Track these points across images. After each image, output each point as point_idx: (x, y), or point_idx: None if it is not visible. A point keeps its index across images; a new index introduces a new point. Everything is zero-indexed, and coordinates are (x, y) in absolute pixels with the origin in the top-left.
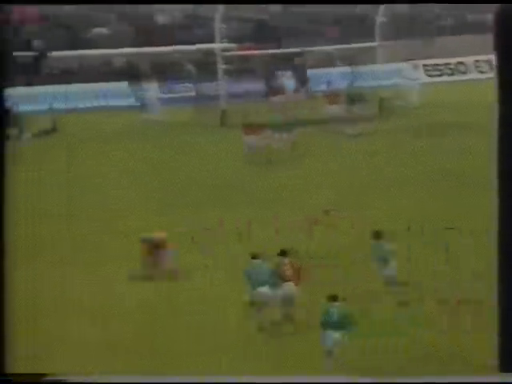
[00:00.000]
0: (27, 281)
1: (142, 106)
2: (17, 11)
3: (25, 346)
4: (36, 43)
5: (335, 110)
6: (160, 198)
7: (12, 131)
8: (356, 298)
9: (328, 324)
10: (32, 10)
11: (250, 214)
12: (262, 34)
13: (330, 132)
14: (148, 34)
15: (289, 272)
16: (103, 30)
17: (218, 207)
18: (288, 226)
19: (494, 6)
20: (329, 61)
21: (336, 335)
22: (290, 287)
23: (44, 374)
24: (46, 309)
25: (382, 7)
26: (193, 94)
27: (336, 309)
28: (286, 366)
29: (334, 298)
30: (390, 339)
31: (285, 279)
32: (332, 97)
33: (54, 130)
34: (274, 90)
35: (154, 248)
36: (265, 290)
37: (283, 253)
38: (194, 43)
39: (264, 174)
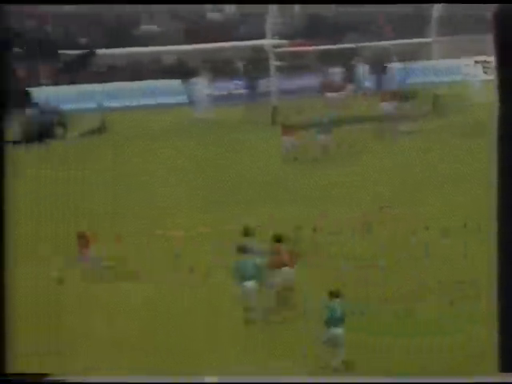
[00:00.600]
0: (70, 279)
1: (192, 104)
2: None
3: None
4: (84, 41)
5: (389, 106)
6: (209, 195)
7: (57, 130)
8: (400, 298)
9: (332, 320)
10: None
11: (299, 212)
12: (315, 29)
13: (384, 129)
14: (199, 31)
15: (285, 257)
16: (153, 28)
17: (269, 204)
18: (337, 224)
19: (493, 6)
20: (385, 57)
21: (339, 331)
22: (287, 272)
23: (44, 374)
24: (96, 306)
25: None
26: (244, 91)
27: (338, 304)
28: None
29: (335, 294)
30: (435, 339)
31: (281, 265)
32: (386, 93)
33: (102, 128)
34: (328, 86)
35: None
36: (251, 284)
37: (278, 239)
38: (245, 40)
39: (313, 171)
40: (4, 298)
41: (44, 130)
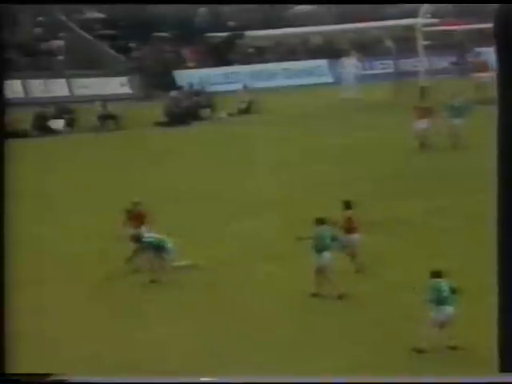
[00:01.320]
0: None
1: (339, 84)
2: None
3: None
4: (231, 23)
5: None
6: (352, 182)
7: (204, 112)
8: None
9: (439, 300)
10: None
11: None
12: (465, 8)
13: None
14: (347, 11)
15: (354, 224)
16: (301, 8)
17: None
18: None
19: (494, 6)
20: None
21: (449, 309)
22: (356, 238)
23: (45, 374)
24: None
25: None
26: (392, 70)
27: (445, 284)
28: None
29: (438, 274)
30: None
31: (351, 231)
32: None
33: (248, 109)
34: (476, 67)
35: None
36: (328, 254)
37: (348, 205)
38: (394, 19)
39: (455, 155)
40: (3, 297)
41: (190, 112)
